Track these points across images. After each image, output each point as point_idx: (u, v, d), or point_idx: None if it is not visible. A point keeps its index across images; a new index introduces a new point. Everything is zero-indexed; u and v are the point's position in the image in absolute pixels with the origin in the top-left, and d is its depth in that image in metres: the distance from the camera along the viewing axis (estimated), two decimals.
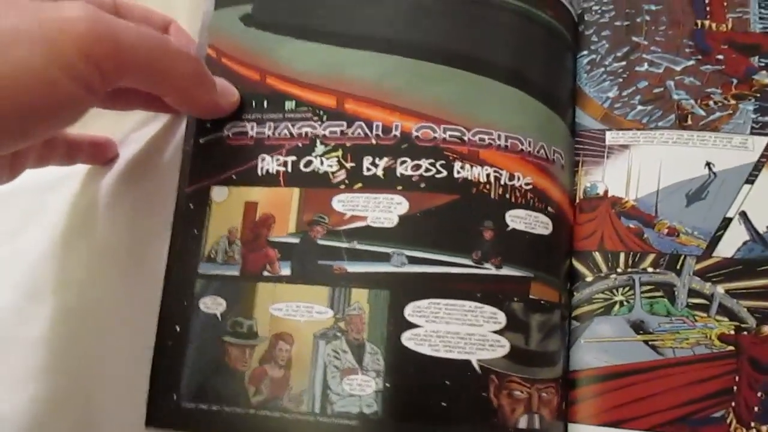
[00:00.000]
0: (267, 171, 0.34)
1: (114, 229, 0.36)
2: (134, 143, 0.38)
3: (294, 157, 0.34)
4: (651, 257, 0.35)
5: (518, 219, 0.33)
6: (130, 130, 0.39)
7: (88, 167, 0.38)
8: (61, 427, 0.33)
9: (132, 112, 0.38)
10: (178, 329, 0.33)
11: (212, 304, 0.33)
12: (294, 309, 0.32)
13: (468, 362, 0.30)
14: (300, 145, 0.34)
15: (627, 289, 0.35)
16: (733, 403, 0.32)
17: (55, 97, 0.25)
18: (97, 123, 0.37)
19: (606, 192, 0.36)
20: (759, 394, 0.33)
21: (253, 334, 0.32)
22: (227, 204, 0.34)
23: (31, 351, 0.33)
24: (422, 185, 0.33)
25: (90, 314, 0.34)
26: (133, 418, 0.32)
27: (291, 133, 0.35)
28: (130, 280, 0.35)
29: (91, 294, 0.35)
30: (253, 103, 0.35)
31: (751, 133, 0.36)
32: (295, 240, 0.33)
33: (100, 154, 0.37)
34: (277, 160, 0.34)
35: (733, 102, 0.37)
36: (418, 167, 0.33)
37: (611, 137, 0.37)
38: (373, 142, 0.34)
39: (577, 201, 0.36)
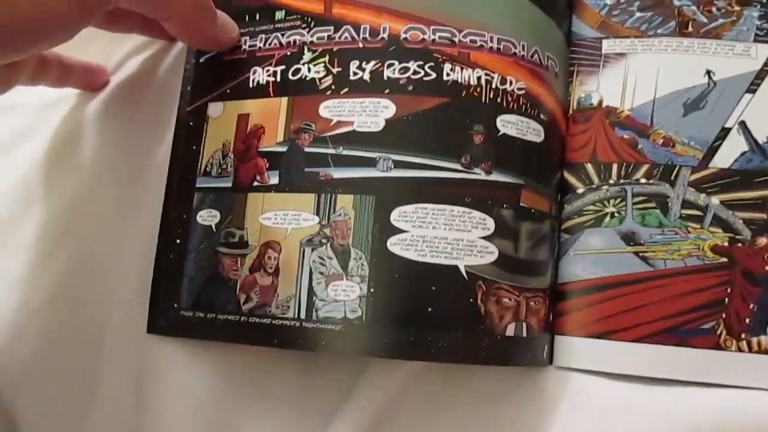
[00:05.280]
0: (258, 83, 0.31)
1: (110, 146, 0.34)
2: (131, 67, 0.36)
3: (283, 67, 0.31)
4: (644, 168, 0.32)
5: (509, 124, 0.29)
6: (126, 55, 0.36)
7: None
8: (59, 330, 0.32)
9: (128, 38, 0.36)
10: (178, 242, 0.31)
11: (208, 217, 0.31)
12: (282, 217, 0.29)
13: (455, 268, 0.28)
14: (288, 53, 0.31)
15: (618, 200, 0.32)
16: (723, 315, 0.30)
17: (48, 15, 0.24)
18: (91, 46, 0.35)
19: (600, 102, 0.33)
20: (751, 306, 0.30)
21: (244, 244, 0.30)
22: (222, 118, 0.32)
23: (24, 254, 0.32)
24: (410, 88, 0.29)
25: (83, 219, 0.33)
26: (134, 325, 0.31)
27: (280, 43, 0.31)
28: (129, 194, 0.33)
29: (85, 201, 0.33)
30: (246, 17, 0.33)
31: (755, 41, 0.32)
32: (283, 149, 0.30)
33: (91, 79, 0.35)
34: (267, 71, 0.31)
35: (737, 8, 0.33)
36: (405, 70, 0.29)
37: (608, 45, 0.33)
38: (360, 45, 0.30)
39: (571, 112, 0.33)
